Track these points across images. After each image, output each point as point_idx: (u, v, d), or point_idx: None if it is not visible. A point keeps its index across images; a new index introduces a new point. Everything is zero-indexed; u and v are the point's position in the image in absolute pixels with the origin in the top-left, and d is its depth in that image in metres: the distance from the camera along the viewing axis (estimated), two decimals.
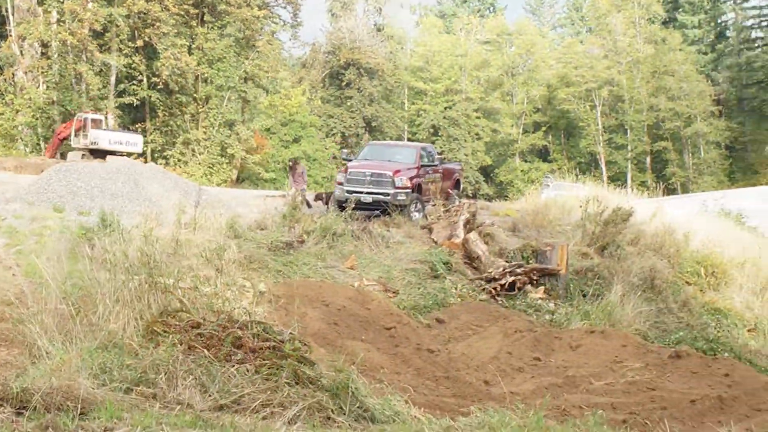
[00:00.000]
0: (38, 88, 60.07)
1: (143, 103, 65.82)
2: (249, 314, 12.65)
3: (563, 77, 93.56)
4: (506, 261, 24.38)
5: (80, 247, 16.98)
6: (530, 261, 24.66)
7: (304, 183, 32.12)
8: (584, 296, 23.24)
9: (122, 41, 62.25)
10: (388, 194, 29.02)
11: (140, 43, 62.32)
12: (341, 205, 27.80)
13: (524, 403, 12.40)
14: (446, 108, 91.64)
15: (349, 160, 32.03)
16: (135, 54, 62.92)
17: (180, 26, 65.01)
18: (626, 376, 15.63)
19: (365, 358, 14.42)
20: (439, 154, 36.46)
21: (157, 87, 64.25)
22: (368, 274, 22.16)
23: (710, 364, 16.93)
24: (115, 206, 27.45)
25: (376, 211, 28.93)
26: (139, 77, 64.86)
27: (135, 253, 14.50)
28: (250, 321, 12.21)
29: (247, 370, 10.98)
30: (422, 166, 30.91)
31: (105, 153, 48.04)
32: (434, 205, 29.97)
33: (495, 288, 22.74)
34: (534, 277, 23.52)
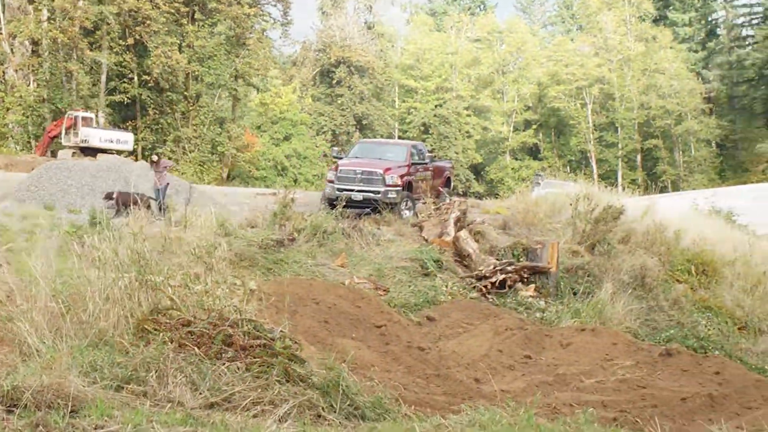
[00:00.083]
0: (29, 86, 60.10)
1: (134, 101, 65.82)
2: (239, 312, 12.61)
3: (554, 75, 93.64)
4: (497, 259, 24.39)
5: (70, 245, 16.96)
6: (521, 259, 24.66)
7: (166, 181, 30.23)
8: (575, 294, 23.26)
9: (113, 39, 62.29)
10: (379, 192, 29.00)
11: (131, 41, 62.38)
12: (332, 203, 27.81)
13: (515, 401, 12.39)
14: (437, 106, 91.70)
15: (340, 158, 32.02)
16: (125, 52, 62.94)
17: (170, 24, 65.04)
18: (617, 374, 15.64)
19: (356, 356, 14.40)
20: (430, 152, 36.48)
21: (148, 85, 64.31)
22: (359, 272, 22.15)
23: (701, 362, 16.98)
24: (106, 204, 27.45)
25: (367, 209, 28.91)
26: (130, 75, 64.92)
27: (125, 251, 14.48)
28: (241, 319, 12.20)
29: (238, 368, 10.98)
30: (413, 164, 30.90)
31: (96, 151, 48.10)
32: (425, 203, 29.91)
33: (486, 286, 22.76)
34: (525, 275, 23.53)
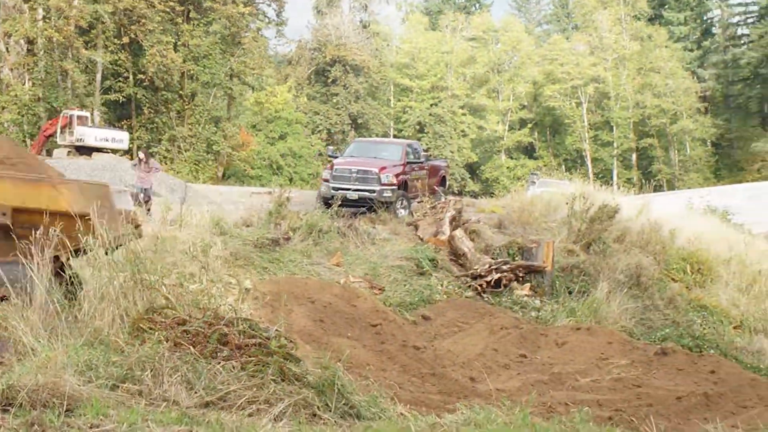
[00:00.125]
0: (24, 85, 60.08)
1: (129, 100, 65.82)
2: (235, 311, 12.62)
3: (549, 74, 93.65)
4: (492, 258, 24.37)
5: None
6: (516, 258, 24.65)
7: (150, 182, 29.70)
8: (570, 293, 23.25)
9: (108, 38, 62.29)
10: (374, 191, 29.00)
11: (126, 40, 62.39)
12: (327, 202, 27.81)
13: (510, 400, 12.38)
14: (432, 105, 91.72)
15: (335, 157, 32.05)
16: (121, 51, 62.93)
17: (166, 23, 65.03)
18: (612, 373, 15.63)
19: (351, 355, 14.39)
20: (425, 151, 36.56)
21: (143, 84, 64.34)
22: (354, 271, 22.12)
23: (696, 361, 16.96)
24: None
25: (362, 208, 28.90)
26: (125, 74, 64.90)
27: (120, 250, 14.48)
28: (236, 318, 12.19)
29: (233, 367, 10.97)
30: (408, 163, 30.90)
31: (91, 150, 48.07)
32: (420, 202, 29.91)
33: (481, 285, 22.74)
34: (520, 274, 23.51)
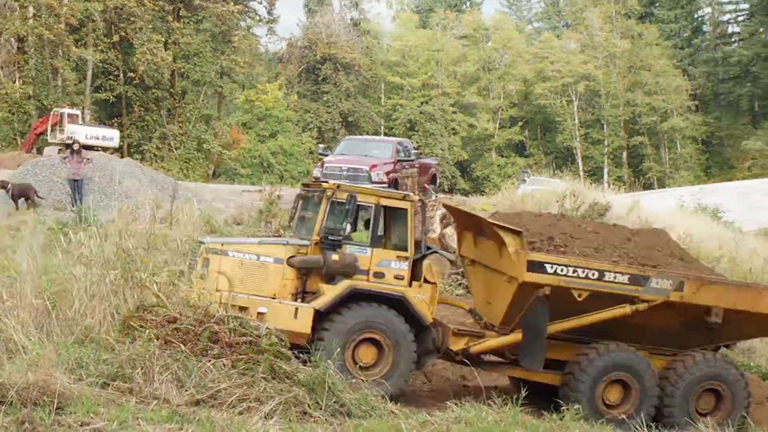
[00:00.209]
0: (14, 83, 59.86)
1: (119, 98, 65.63)
2: (225, 309, 12.63)
3: (540, 72, 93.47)
4: None
5: (56, 242, 16.94)
6: None
7: (85, 173, 29.39)
8: None
9: (98, 36, 62.09)
10: None
11: (116, 39, 62.21)
12: None
13: (500, 398, 12.43)
14: (423, 103, 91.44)
15: (326, 155, 31.95)
16: (111, 49, 62.74)
17: (156, 21, 64.84)
18: None
19: None
20: (416, 149, 36.42)
21: (133, 82, 64.15)
22: None
23: None
24: (92, 201, 27.41)
25: None
26: (116, 72, 64.74)
27: (111, 248, 14.46)
28: (227, 316, 12.21)
29: (224, 365, 10.99)
30: (399, 161, 30.82)
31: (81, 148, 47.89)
32: None
33: None
34: None
